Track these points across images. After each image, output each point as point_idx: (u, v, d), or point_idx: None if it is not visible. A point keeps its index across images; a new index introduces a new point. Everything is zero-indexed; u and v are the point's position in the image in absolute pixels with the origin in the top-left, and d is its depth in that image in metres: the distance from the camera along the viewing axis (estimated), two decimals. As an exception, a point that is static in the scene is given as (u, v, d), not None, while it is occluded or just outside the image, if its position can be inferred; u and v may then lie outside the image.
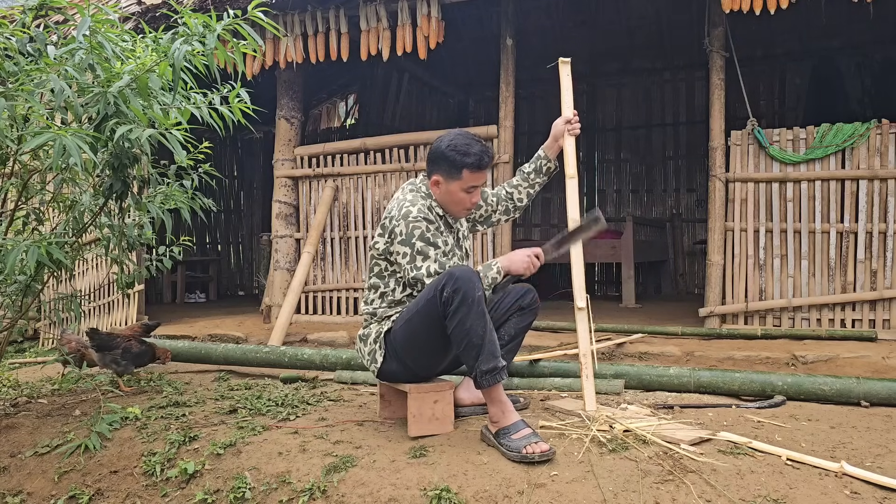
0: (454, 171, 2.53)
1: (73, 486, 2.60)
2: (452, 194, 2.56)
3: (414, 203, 2.52)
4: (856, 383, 2.93)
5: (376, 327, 2.60)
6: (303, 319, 5.53)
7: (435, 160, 2.58)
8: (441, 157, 2.55)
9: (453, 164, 2.52)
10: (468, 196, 2.57)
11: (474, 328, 2.29)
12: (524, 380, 3.35)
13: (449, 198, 2.58)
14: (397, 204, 2.56)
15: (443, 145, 2.55)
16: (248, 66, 5.18)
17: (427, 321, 2.40)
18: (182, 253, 3.65)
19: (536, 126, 9.00)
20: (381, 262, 2.59)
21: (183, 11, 2.60)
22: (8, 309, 3.23)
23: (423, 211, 2.51)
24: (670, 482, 2.03)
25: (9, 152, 2.78)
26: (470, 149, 2.52)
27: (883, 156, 4.22)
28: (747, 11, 4.05)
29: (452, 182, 2.54)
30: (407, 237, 2.47)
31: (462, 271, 2.32)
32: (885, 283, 4.21)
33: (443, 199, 2.60)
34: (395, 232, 2.50)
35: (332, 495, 2.20)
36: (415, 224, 2.47)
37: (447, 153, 2.53)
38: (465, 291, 2.28)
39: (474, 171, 2.53)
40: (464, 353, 2.35)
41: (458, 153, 2.52)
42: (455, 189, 2.55)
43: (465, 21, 6.78)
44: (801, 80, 7.75)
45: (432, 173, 2.59)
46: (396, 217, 2.51)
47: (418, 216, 2.48)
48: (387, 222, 2.55)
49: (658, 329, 4.43)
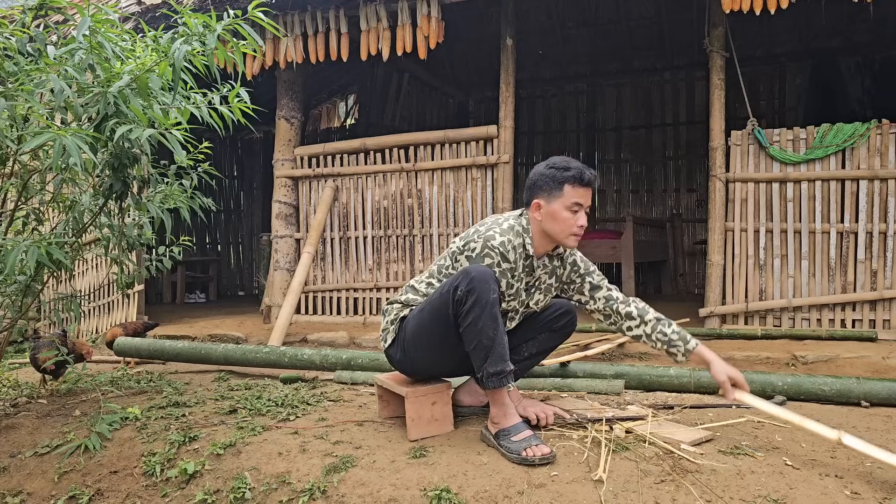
0: (555, 188, 2.44)
1: (73, 486, 2.60)
2: (555, 215, 2.44)
3: (504, 234, 2.44)
4: (856, 383, 2.93)
5: (399, 308, 2.59)
6: (303, 320, 5.53)
7: (534, 184, 2.49)
8: (540, 177, 2.47)
9: (553, 180, 2.44)
10: (573, 217, 2.44)
11: (486, 329, 2.28)
12: (524, 380, 3.34)
13: (552, 221, 2.46)
14: (492, 221, 2.50)
15: (540, 167, 2.49)
16: (248, 66, 5.18)
17: (436, 315, 2.39)
18: (182, 253, 3.64)
19: (536, 126, 9.01)
20: (448, 259, 2.55)
21: (183, 11, 2.60)
22: (8, 309, 3.23)
23: (506, 246, 2.42)
24: (670, 482, 2.03)
25: (9, 152, 2.78)
26: (569, 164, 2.45)
27: (883, 156, 4.23)
28: (747, 11, 4.05)
29: (554, 201, 2.44)
30: (476, 257, 2.41)
31: (479, 271, 2.29)
32: (886, 283, 4.21)
33: (546, 226, 2.48)
34: (470, 246, 2.44)
35: (332, 495, 2.20)
36: (489, 252, 2.40)
37: (546, 171, 2.46)
38: (480, 292, 2.26)
39: (576, 186, 2.43)
40: (473, 352, 2.34)
41: (557, 169, 2.45)
42: (558, 209, 2.44)
43: (465, 21, 6.78)
44: (801, 80, 7.75)
45: (533, 198, 2.49)
46: (481, 233, 2.44)
47: (496, 247, 2.40)
48: (471, 232, 2.49)
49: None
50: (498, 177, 5.05)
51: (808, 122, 4.62)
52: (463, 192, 5.19)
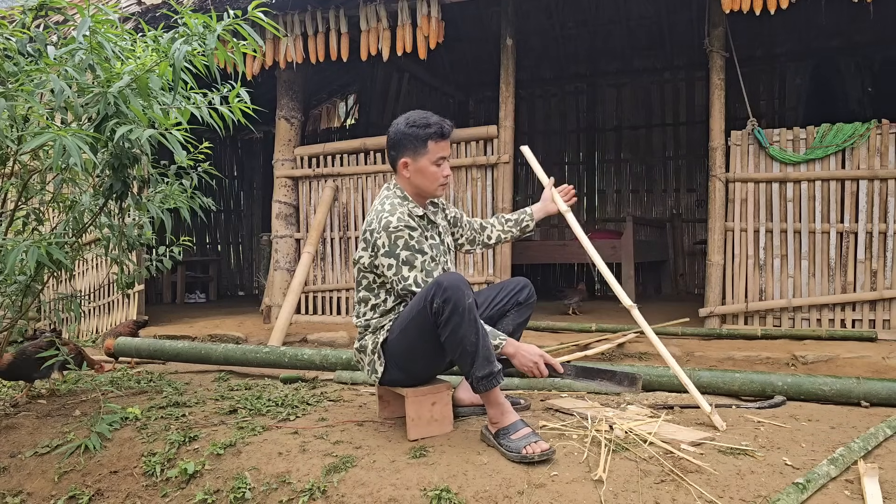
0: (419, 145, 2.53)
1: (73, 486, 2.60)
2: (423, 171, 2.55)
3: (393, 212, 2.48)
4: (856, 383, 2.93)
5: (372, 338, 2.58)
6: (303, 320, 5.53)
7: (397, 143, 2.58)
8: (402, 136, 2.56)
9: (416, 138, 2.53)
10: (439, 169, 2.56)
11: (467, 336, 2.28)
12: (524, 380, 3.34)
13: (421, 177, 2.56)
14: (376, 216, 2.52)
15: (400, 126, 2.57)
16: (248, 66, 5.18)
17: (421, 331, 2.39)
18: (182, 253, 3.64)
19: (536, 126, 9.01)
20: (369, 275, 2.56)
21: (183, 11, 2.60)
22: (8, 309, 3.23)
23: (404, 219, 2.47)
24: (670, 482, 2.03)
25: (9, 152, 2.78)
26: (429, 120, 2.55)
27: (883, 156, 4.23)
28: (747, 11, 4.05)
29: (420, 158, 2.54)
30: (391, 248, 2.44)
31: (450, 280, 2.29)
32: (885, 283, 4.21)
33: (416, 182, 2.57)
34: (377, 245, 2.47)
35: (332, 495, 2.20)
36: (397, 234, 2.44)
37: (407, 130, 2.54)
38: (455, 301, 2.26)
39: (438, 141, 2.54)
40: (459, 360, 2.35)
41: (418, 127, 2.54)
42: (425, 165, 2.54)
43: (465, 21, 6.78)
44: (801, 80, 7.75)
45: (398, 158, 2.58)
46: (377, 229, 2.47)
47: (398, 225, 2.44)
48: (368, 235, 2.52)
49: (658, 329, 4.43)
50: (498, 177, 5.05)
51: (808, 122, 4.61)
52: (463, 192, 5.19)
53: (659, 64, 8.37)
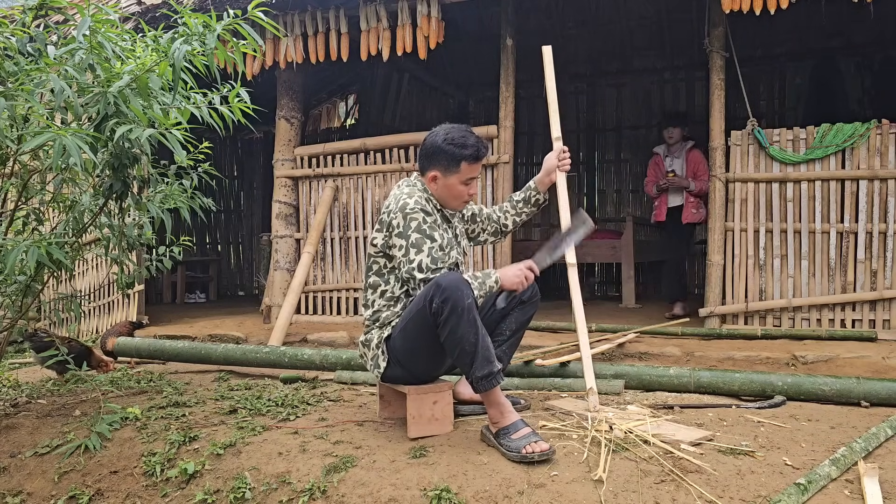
0: (452, 164, 2.53)
1: (73, 486, 2.60)
2: (451, 188, 2.56)
3: (411, 195, 2.52)
4: (856, 383, 2.93)
5: (377, 333, 2.60)
6: (303, 319, 5.53)
7: (431, 155, 2.57)
8: (438, 151, 2.54)
9: (451, 158, 2.52)
10: (466, 188, 2.58)
11: (466, 336, 2.29)
12: (524, 380, 3.34)
13: (447, 192, 2.58)
14: (395, 199, 2.55)
15: (438, 139, 2.55)
16: (248, 66, 5.18)
17: (422, 330, 2.40)
18: (182, 253, 3.64)
19: (536, 126, 9.00)
20: (381, 258, 2.57)
21: (183, 11, 2.60)
22: (8, 309, 3.23)
23: (421, 202, 2.50)
24: (670, 482, 2.03)
25: (9, 152, 2.78)
26: (466, 141, 2.53)
27: (883, 156, 4.22)
28: (747, 11, 4.05)
29: (451, 175, 2.54)
30: (404, 228, 2.45)
31: (449, 280, 2.30)
32: (885, 283, 4.20)
33: (441, 194, 2.59)
34: (392, 225, 2.49)
35: (332, 495, 2.20)
36: (412, 215, 2.46)
37: (444, 147, 2.53)
38: (455, 301, 2.27)
39: (472, 163, 2.55)
40: (458, 359, 2.36)
41: (455, 146, 2.52)
42: (454, 182, 2.55)
43: (465, 21, 6.77)
44: (801, 80, 7.75)
45: (429, 168, 2.58)
46: (394, 210, 2.50)
47: (415, 207, 2.47)
48: (385, 216, 2.54)
49: (658, 329, 4.44)
50: (498, 177, 5.05)
51: (808, 122, 4.61)
52: (463, 192, 5.18)
53: (659, 64, 8.36)
